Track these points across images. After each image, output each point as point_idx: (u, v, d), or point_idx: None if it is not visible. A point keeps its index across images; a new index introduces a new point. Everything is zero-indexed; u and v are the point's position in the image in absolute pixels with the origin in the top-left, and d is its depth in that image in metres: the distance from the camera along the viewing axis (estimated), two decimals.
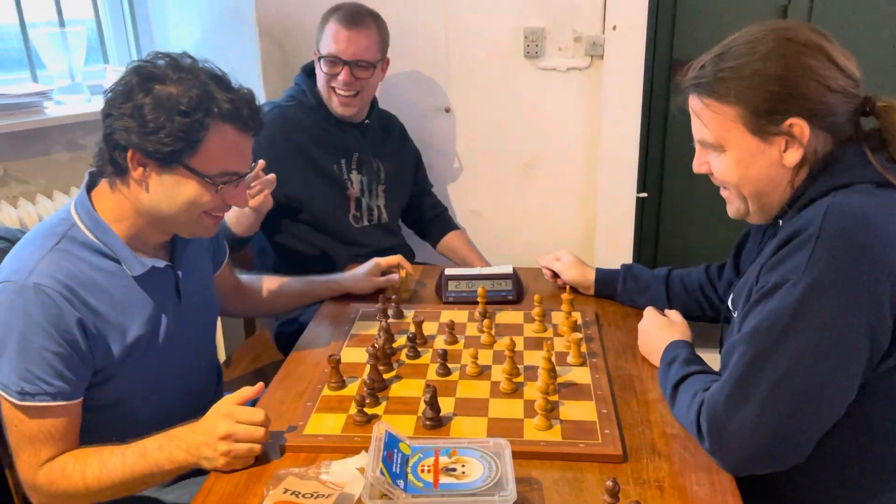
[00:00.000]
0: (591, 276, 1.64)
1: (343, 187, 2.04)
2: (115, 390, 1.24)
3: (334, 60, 1.95)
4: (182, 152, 1.17)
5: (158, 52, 1.21)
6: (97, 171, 1.25)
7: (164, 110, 1.14)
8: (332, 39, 1.95)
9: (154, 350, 1.27)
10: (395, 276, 1.71)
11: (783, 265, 1.04)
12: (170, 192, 1.20)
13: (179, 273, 1.33)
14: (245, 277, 1.69)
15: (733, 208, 1.21)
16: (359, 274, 1.71)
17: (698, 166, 1.21)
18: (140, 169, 1.19)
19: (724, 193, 1.22)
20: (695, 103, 1.16)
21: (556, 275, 1.69)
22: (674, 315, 1.43)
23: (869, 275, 0.98)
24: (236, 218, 1.70)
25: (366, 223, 2.09)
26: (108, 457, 1.17)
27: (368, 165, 2.09)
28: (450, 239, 2.31)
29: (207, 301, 1.45)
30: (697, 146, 1.20)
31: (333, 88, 1.98)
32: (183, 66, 1.19)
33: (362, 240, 2.07)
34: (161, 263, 1.27)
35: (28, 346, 1.12)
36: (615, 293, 1.62)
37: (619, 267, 1.64)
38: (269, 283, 1.70)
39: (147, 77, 1.17)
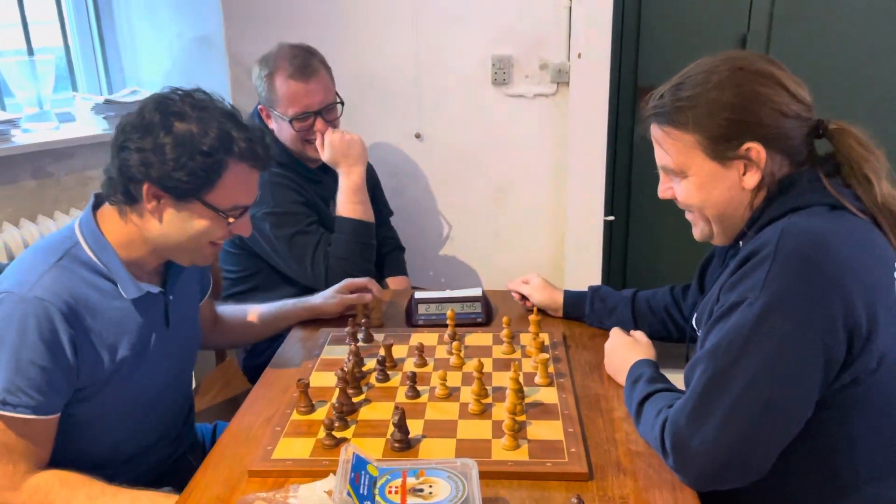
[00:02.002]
0: (560, 299, 1.67)
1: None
2: (92, 410, 1.25)
3: (304, 116, 1.92)
4: (199, 189, 1.21)
5: (175, 88, 1.24)
6: (105, 196, 1.27)
7: (185, 149, 1.18)
8: (292, 98, 1.90)
9: (138, 372, 1.29)
10: (367, 295, 1.70)
11: (741, 284, 1.07)
12: (182, 224, 1.24)
13: (171, 298, 1.35)
14: (220, 309, 1.70)
15: (698, 230, 1.25)
16: (328, 293, 1.72)
17: (663, 192, 1.25)
18: (154, 201, 1.21)
19: (689, 217, 1.26)
20: (656, 132, 1.20)
21: (525, 298, 1.71)
22: (639, 335, 1.46)
23: (822, 293, 1.01)
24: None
25: None
26: (98, 494, 1.18)
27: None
28: (392, 282, 2.21)
29: (192, 329, 1.47)
30: (661, 173, 1.24)
31: (307, 140, 1.96)
32: (199, 102, 1.22)
33: None
34: (155, 289, 1.30)
35: (18, 358, 1.14)
36: (583, 314, 1.65)
37: (586, 289, 1.67)
38: (243, 312, 1.70)
39: (167, 114, 1.19)
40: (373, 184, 2.25)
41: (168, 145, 1.17)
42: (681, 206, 1.25)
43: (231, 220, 1.27)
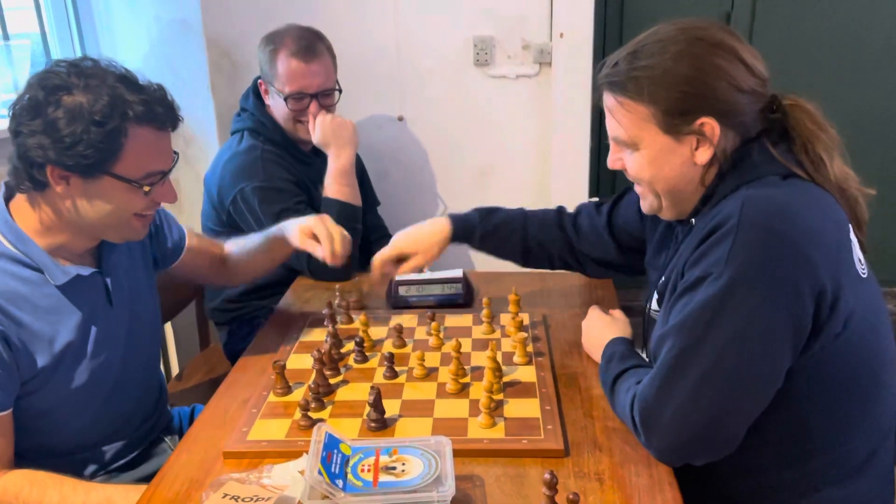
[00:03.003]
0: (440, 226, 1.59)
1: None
2: (46, 399, 1.22)
3: (300, 96, 1.93)
4: (104, 161, 1.15)
5: (59, 61, 1.17)
6: (13, 186, 1.21)
7: (77, 122, 1.11)
8: (291, 77, 1.90)
9: (84, 358, 1.25)
10: (318, 249, 1.56)
11: (705, 259, 1.06)
12: (97, 201, 1.18)
13: (108, 279, 1.30)
14: (228, 246, 1.67)
15: (647, 204, 1.24)
16: (301, 223, 1.59)
17: (612, 162, 1.22)
18: (62, 183, 1.15)
19: (637, 189, 1.24)
20: (609, 101, 1.17)
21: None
22: (617, 313, 1.45)
23: (788, 264, 1.01)
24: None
25: None
26: (69, 492, 1.15)
27: None
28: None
29: (146, 307, 1.42)
30: (612, 143, 1.21)
31: (300, 120, 1.96)
32: (86, 70, 1.15)
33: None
34: (86, 271, 1.24)
35: None
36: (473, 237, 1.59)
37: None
38: (241, 246, 1.66)
39: (52, 89, 1.12)
40: (360, 172, 2.23)
41: (60, 121, 1.10)
42: (630, 179, 1.23)
43: (147, 188, 1.20)
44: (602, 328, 1.38)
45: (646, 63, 1.11)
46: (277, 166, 1.92)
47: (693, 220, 1.19)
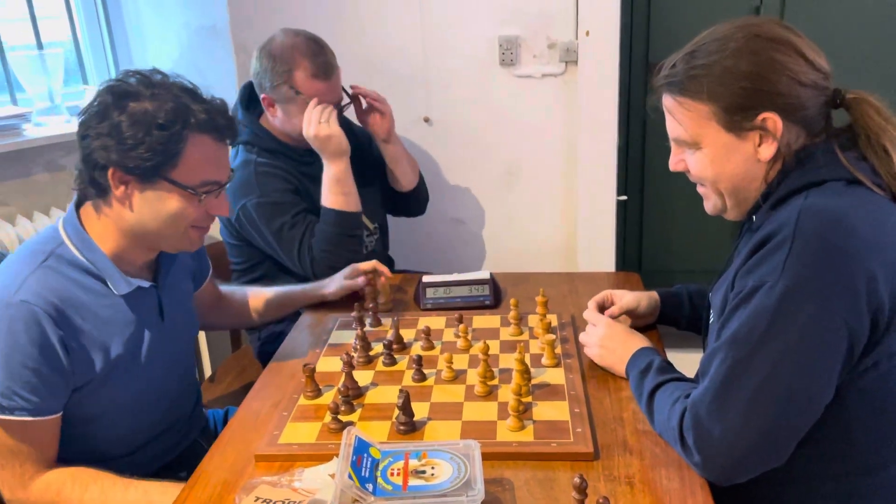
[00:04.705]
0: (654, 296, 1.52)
1: None
2: (95, 405, 1.25)
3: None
4: (162, 166, 1.19)
5: (129, 70, 1.22)
6: (81, 193, 1.25)
7: (141, 126, 1.16)
8: (319, 96, 1.85)
9: (135, 368, 1.28)
10: (360, 280, 1.67)
11: (759, 268, 1.03)
12: (153, 207, 1.22)
13: (163, 294, 1.34)
14: (225, 289, 1.70)
15: (710, 204, 1.22)
16: (334, 278, 1.72)
17: (674, 164, 1.21)
18: (122, 187, 1.20)
19: (700, 190, 1.23)
20: (668, 102, 1.17)
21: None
22: (624, 319, 1.44)
23: (845, 275, 0.98)
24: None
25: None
26: (109, 488, 1.18)
27: None
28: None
29: (188, 320, 1.46)
30: (673, 144, 1.21)
31: None
32: (155, 81, 1.20)
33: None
34: (146, 283, 1.29)
35: (9, 363, 1.13)
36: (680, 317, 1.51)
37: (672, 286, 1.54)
38: (249, 294, 1.70)
39: (121, 95, 1.18)
40: (367, 138, 2.14)
41: (124, 124, 1.15)
42: (693, 180, 1.21)
43: (202, 197, 1.24)
44: (626, 339, 1.34)
45: (704, 62, 1.10)
46: (273, 178, 1.88)
47: (753, 217, 1.16)
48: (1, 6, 2.25)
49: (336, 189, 1.87)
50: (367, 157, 2.11)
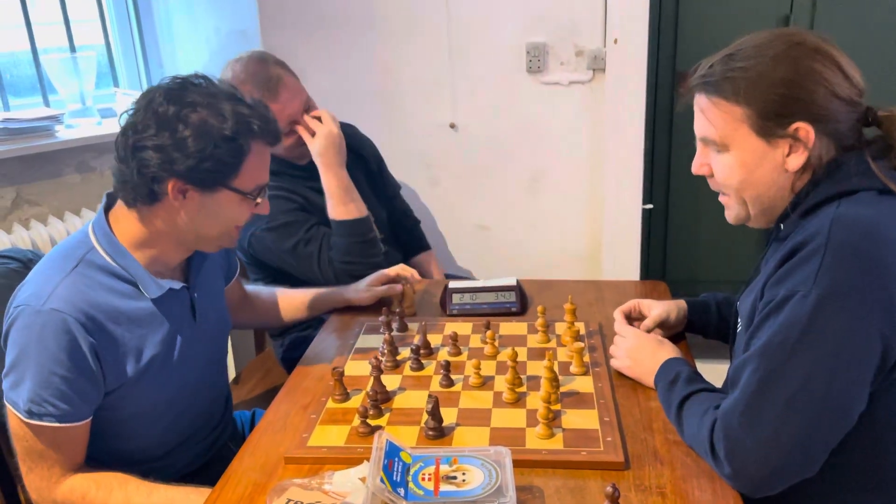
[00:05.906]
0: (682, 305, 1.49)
1: None
2: (127, 408, 1.25)
3: (289, 131, 1.85)
4: (226, 176, 1.20)
5: (174, 77, 1.20)
6: (124, 199, 1.23)
7: (207, 139, 1.16)
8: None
9: (167, 370, 1.28)
10: (397, 286, 1.70)
11: (791, 278, 1.02)
12: (211, 212, 1.23)
13: (195, 294, 1.34)
14: (251, 289, 1.71)
15: (732, 214, 1.20)
16: (361, 285, 1.72)
17: (697, 167, 1.20)
18: (180, 196, 1.20)
19: (722, 199, 1.21)
20: (702, 101, 1.15)
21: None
22: (656, 331, 1.43)
23: (878, 284, 0.97)
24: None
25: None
26: (133, 492, 1.19)
27: None
28: (421, 259, 2.22)
29: (220, 318, 1.46)
30: (699, 145, 1.19)
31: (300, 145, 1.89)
32: (204, 89, 1.18)
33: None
34: (178, 285, 1.28)
35: (40, 370, 1.13)
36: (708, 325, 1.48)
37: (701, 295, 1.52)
38: (278, 294, 1.71)
39: (177, 104, 1.15)
40: (377, 161, 2.16)
41: (189, 138, 1.14)
42: (715, 188, 1.20)
43: (259, 200, 1.27)
44: (655, 348, 1.33)
45: (743, 65, 1.10)
46: (277, 200, 1.83)
47: (782, 225, 1.15)
48: (35, 10, 2.28)
49: (345, 198, 1.84)
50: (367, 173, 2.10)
